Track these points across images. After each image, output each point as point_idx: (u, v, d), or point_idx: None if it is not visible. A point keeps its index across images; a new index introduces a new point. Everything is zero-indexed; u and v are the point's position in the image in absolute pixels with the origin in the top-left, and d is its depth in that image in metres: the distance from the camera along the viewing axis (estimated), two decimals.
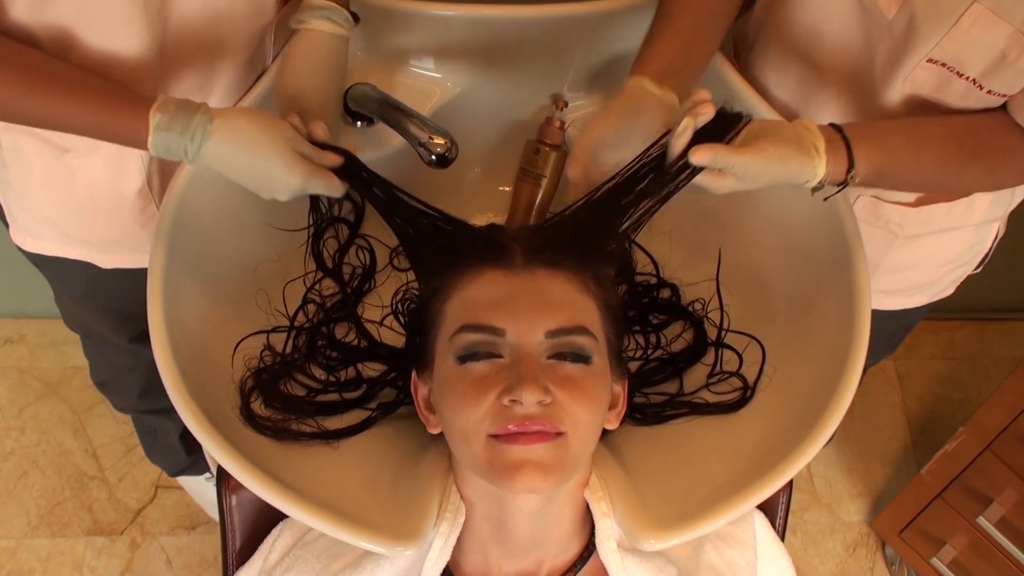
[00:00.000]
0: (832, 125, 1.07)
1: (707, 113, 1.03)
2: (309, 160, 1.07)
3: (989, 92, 1.08)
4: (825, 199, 1.11)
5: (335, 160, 1.10)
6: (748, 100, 1.26)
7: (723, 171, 1.02)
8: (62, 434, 2.29)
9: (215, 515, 1.17)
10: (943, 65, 1.08)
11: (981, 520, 1.76)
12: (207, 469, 2.07)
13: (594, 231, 1.09)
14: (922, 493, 1.93)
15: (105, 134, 1.03)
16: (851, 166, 1.05)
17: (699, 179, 1.03)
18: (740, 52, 1.38)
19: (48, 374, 2.37)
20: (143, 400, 1.81)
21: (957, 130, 1.12)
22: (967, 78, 1.07)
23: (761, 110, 1.25)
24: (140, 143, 1.02)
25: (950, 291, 1.49)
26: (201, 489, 2.15)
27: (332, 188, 1.09)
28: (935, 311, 1.55)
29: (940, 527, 1.93)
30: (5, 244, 2.05)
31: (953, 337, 2.58)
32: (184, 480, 2.16)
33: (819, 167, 1.04)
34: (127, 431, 2.27)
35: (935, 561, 1.98)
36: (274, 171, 1.05)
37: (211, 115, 1.02)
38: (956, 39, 1.05)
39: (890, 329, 1.58)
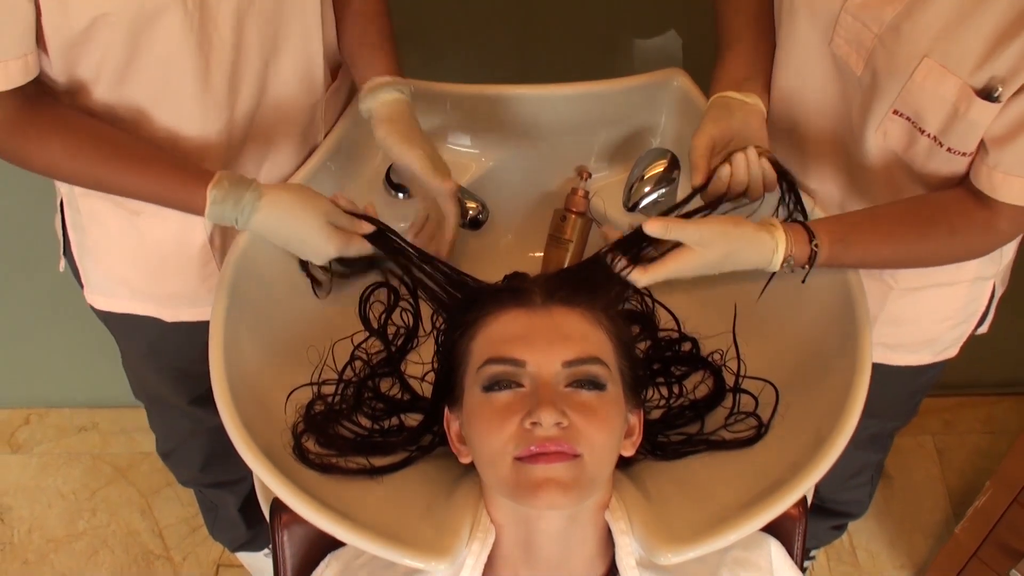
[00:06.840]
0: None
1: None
2: (343, 231, 1.24)
3: (949, 150, 1.17)
4: (803, 280, 1.22)
5: (367, 228, 1.27)
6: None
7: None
8: (130, 515, 2.40)
9: None
10: (907, 119, 1.18)
11: (1014, 573, 1.78)
12: (266, 544, 2.14)
13: (603, 276, 1.20)
14: (958, 554, 1.94)
15: (169, 204, 1.22)
16: (812, 237, 1.18)
17: None
18: None
19: (118, 459, 2.49)
20: (204, 473, 1.91)
21: (912, 204, 1.24)
22: (928, 135, 1.17)
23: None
24: (199, 213, 1.20)
25: (954, 351, 1.53)
26: (260, 566, 2.22)
27: (363, 251, 1.27)
28: (973, 386, 1.56)
29: None
30: (79, 339, 2.22)
31: (992, 411, 2.58)
32: (243, 556, 2.23)
33: (778, 236, 1.17)
34: (191, 512, 2.37)
35: None
36: (310, 241, 1.23)
37: (260, 192, 1.19)
38: (913, 92, 1.15)
39: (904, 390, 1.63)
